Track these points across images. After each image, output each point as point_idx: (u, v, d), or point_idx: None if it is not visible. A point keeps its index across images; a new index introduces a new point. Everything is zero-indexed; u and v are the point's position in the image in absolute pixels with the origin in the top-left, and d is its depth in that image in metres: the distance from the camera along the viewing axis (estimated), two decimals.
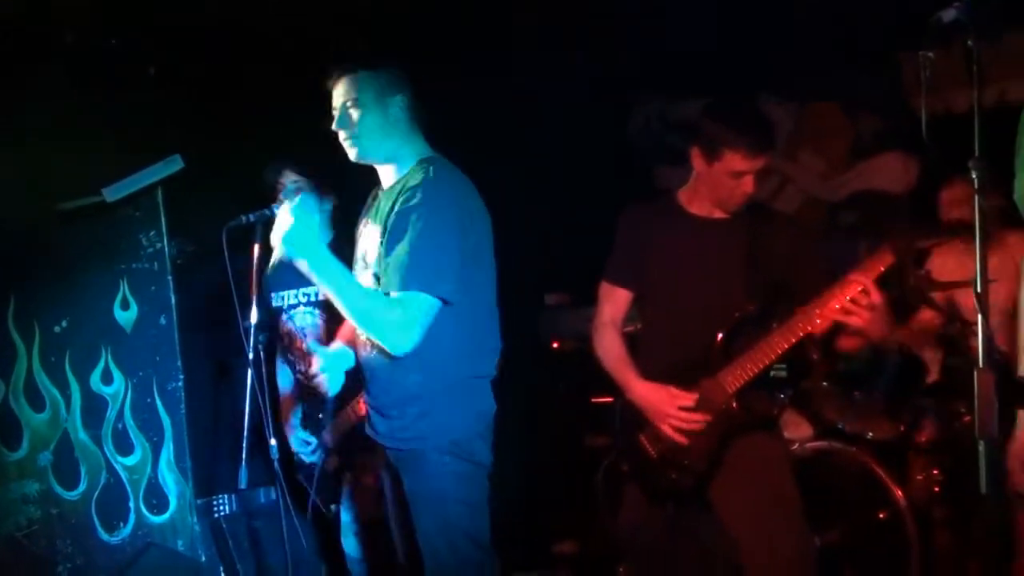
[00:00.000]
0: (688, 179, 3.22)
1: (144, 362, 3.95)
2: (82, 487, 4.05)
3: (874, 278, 2.87)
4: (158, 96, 4.01)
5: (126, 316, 4.00)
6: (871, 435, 4.05)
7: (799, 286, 3.09)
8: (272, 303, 3.75)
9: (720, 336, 3.09)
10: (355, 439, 3.05)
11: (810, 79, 5.40)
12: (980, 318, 1.87)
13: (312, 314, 3.67)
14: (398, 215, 2.68)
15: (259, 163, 3.71)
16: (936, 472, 3.97)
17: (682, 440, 3.08)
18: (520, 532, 3.75)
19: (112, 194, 3.78)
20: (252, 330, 3.07)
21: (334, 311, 2.85)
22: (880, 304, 2.88)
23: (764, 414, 3.15)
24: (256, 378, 3.07)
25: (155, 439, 3.93)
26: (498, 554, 2.83)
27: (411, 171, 2.79)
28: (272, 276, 3.62)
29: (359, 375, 2.94)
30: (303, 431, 3.70)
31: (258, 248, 3.14)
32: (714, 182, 3.10)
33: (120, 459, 3.99)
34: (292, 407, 3.75)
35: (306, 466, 3.68)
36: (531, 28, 4.74)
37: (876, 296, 2.86)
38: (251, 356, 3.06)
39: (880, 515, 3.83)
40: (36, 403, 4.13)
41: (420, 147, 2.85)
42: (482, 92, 4.75)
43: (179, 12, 3.95)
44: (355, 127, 2.76)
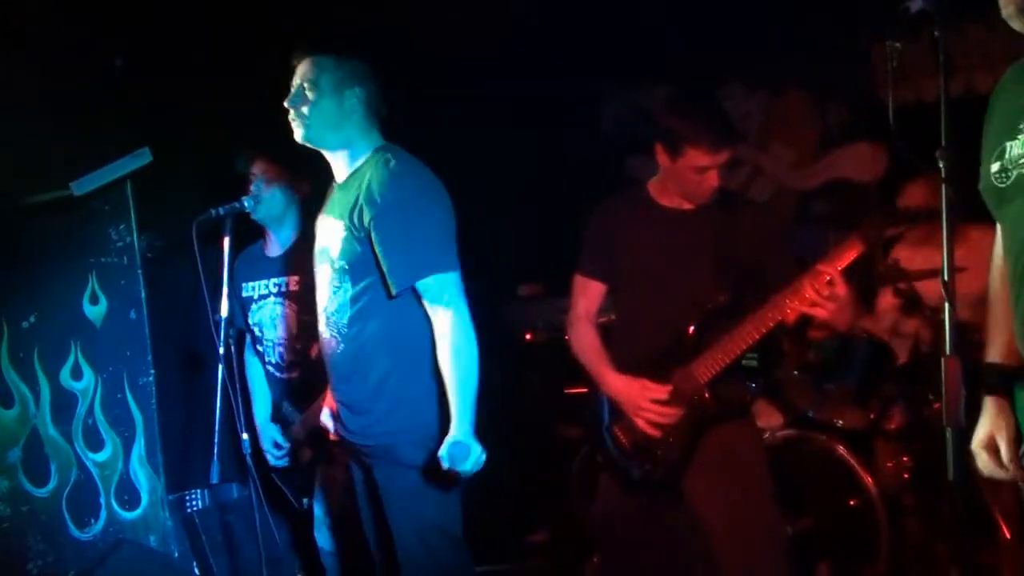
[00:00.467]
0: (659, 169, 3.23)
1: (114, 357, 3.91)
2: (52, 484, 4.02)
3: (843, 268, 2.89)
4: (126, 88, 3.97)
5: (95, 311, 3.96)
6: (841, 423, 4.08)
7: (770, 275, 3.11)
8: (242, 293, 3.73)
9: (692, 328, 3.11)
10: (326, 432, 3.03)
11: (780, 69, 5.43)
12: (947, 306, 1.89)
13: (281, 304, 3.64)
14: (377, 219, 2.68)
15: (229, 156, 3.68)
16: (905, 459, 4.01)
17: (655, 433, 3.10)
18: (492, 523, 3.75)
19: (80, 188, 3.74)
20: (223, 324, 3.07)
21: (304, 302, 2.85)
22: (846, 295, 2.90)
23: (737, 403, 3.17)
24: (227, 372, 3.06)
25: (126, 434, 3.90)
26: (470, 545, 2.83)
27: (367, 162, 2.79)
28: (240, 267, 3.60)
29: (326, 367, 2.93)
30: (273, 426, 3.68)
31: (228, 241, 3.13)
32: (679, 177, 3.11)
33: (91, 455, 3.96)
34: (261, 401, 3.74)
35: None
36: (503, 19, 4.74)
37: (842, 287, 2.88)
38: (222, 350, 3.06)
39: (850, 502, 3.86)
40: (5, 399, 4.08)
41: (374, 138, 2.85)
42: (453, 84, 4.75)
43: (147, 1, 3.91)
44: (307, 109, 2.76)
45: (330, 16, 4.20)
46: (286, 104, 2.79)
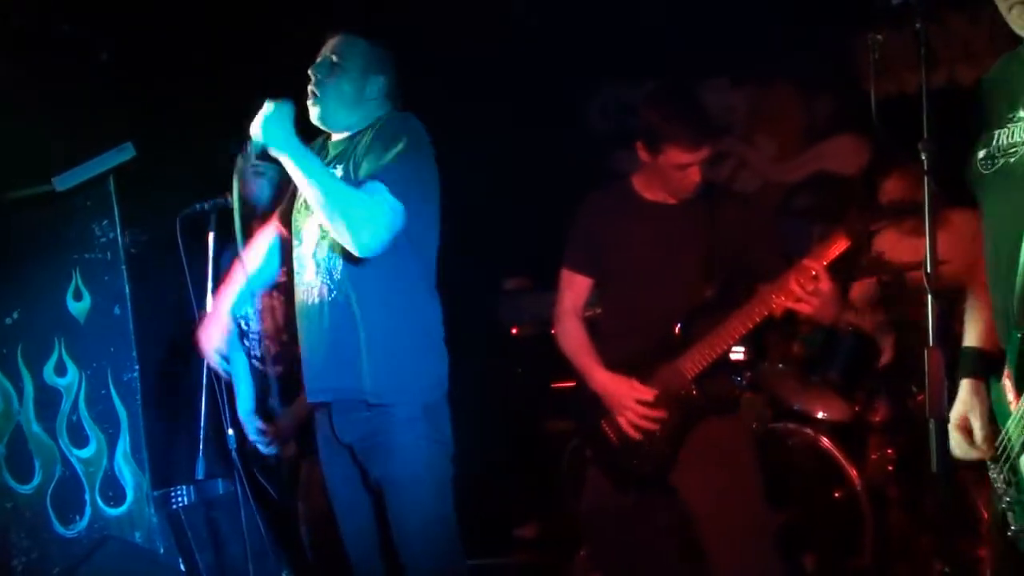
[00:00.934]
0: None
1: (98, 353, 3.90)
2: (36, 480, 4.00)
3: (828, 262, 2.90)
4: (110, 82, 3.95)
5: (79, 307, 3.94)
6: (826, 416, 4.09)
7: (756, 268, 3.11)
8: None
9: (678, 324, 3.11)
10: (311, 426, 3.02)
11: (764, 62, 5.44)
12: (930, 298, 1.89)
13: (269, 296, 3.63)
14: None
15: (213, 151, 3.66)
16: (890, 451, 4.04)
17: (636, 435, 3.10)
18: (480, 517, 3.75)
19: (63, 183, 3.72)
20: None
21: (291, 293, 2.83)
22: (830, 291, 2.91)
23: (724, 398, 3.18)
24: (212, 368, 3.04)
25: (111, 431, 3.88)
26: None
27: (379, 119, 2.77)
28: (228, 260, 3.58)
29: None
30: (256, 417, 3.67)
31: (213, 236, 3.12)
32: (661, 173, 3.11)
33: (75, 451, 3.94)
34: (245, 394, 3.73)
35: (264, 456, 3.66)
36: (492, 13, 4.74)
37: (826, 283, 2.89)
38: None
39: (835, 494, 3.88)
40: None
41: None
42: (441, 75, 4.73)
43: None
44: (328, 84, 2.74)
45: (327, 14, 4.19)
46: (310, 72, 2.75)
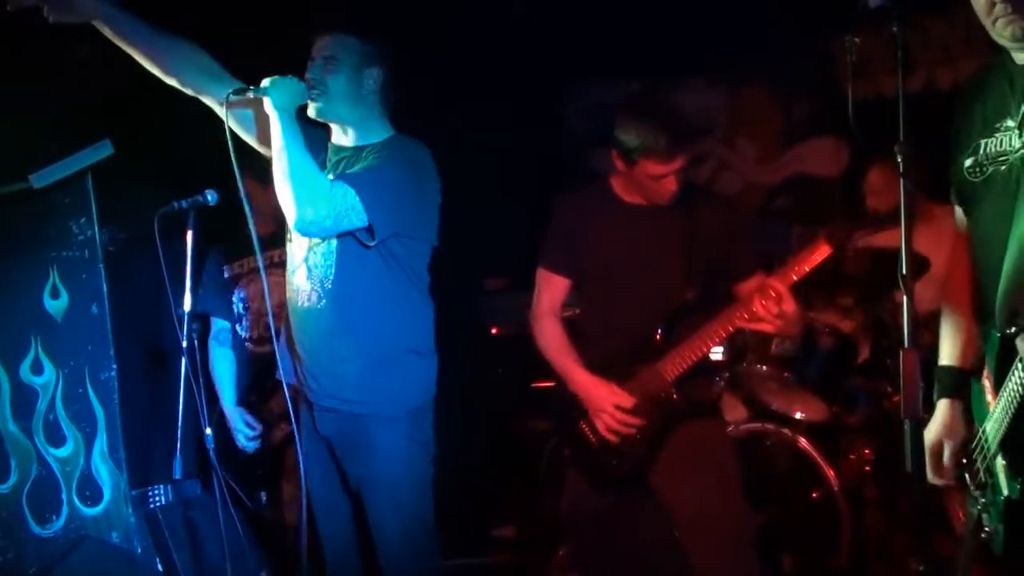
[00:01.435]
0: None
1: (75, 351, 3.87)
2: (12, 480, 3.96)
3: (811, 268, 2.92)
4: (88, 79, 3.92)
5: (56, 305, 3.91)
6: (804, 416, 4.12)
7: (734, 270, 3.13)
8: (224, 276, 3.75)
9: (659, 328, 3.12)
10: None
11: (743, 64, 5.46)
12: (905, 300, 1.90)
13: (271, 275, 3.62)
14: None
15: (191, 148, 3.64)
16: (867, 452, 4.06)
17: (613, 439, 3.11)
18: (459, 517, 3.75)
19: (40, 180, 3.69)
20: (186, 318, 3.04)
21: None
22: (793, 312, 2.93)
23: (704, 400, 3.19)
24: (190, 366, 3.03)
25: (88, 430, 3.86)
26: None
27: (373, 144, 2.81)
28: (220, 253, 3.60)
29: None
30: (240, 409, 3.68)
31: (191, 234, 3.11)
32: (637, 183, 3.11)
33: (52, 450, 3.91)
34: (228, 388, 3.74)
35: (241, 453, 3.66)
36: (477, 14, 4.74)
37: (790, 304, 2.91)
38: (185, 344, 3.03)
39: (813, 495, 3.90)
40: None
41: (385, 124, 2.87)
42: (418, 79, 4.72)
43: None
44: (326, 84, 2.76)
45: (312, 12, 4.18)
46: (307, 76, 2.77)
